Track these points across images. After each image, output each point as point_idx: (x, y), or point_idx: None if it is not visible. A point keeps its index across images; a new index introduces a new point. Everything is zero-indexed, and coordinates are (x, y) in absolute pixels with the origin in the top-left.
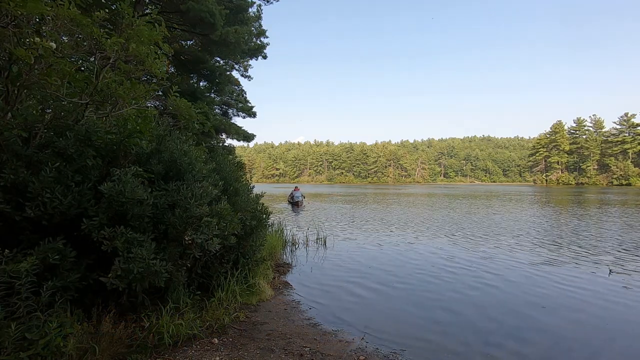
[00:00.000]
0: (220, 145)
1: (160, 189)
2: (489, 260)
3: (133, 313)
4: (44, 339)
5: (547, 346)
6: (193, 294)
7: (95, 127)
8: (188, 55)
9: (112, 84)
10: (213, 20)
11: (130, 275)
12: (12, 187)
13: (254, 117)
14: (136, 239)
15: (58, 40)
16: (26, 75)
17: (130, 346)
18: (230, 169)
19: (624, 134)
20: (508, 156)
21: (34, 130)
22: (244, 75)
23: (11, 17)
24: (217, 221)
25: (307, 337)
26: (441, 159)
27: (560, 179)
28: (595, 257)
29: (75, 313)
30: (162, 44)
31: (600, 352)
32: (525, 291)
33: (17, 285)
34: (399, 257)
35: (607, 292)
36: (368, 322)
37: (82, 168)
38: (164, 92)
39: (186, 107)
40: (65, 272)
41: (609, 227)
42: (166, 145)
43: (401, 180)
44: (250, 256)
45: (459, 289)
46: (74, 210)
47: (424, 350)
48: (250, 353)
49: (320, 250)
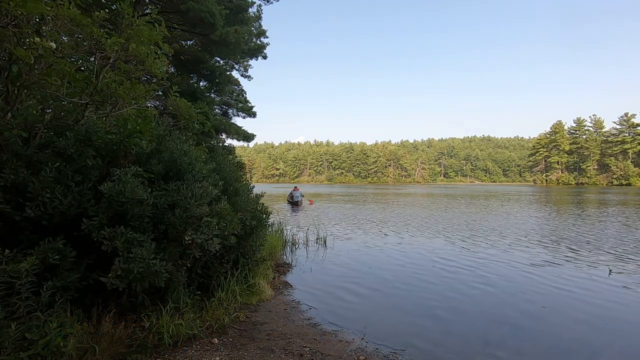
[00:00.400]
0: (220, 145)
1: (160, 189)
2: (489, 260)
3: (133, 313)
4: (44, 339)
5: (547, 346)
6: (193, 294)
7: (95, 127)
8: (188, 55)
9: (112, 84)
10: (213, 21)
11: (130, 275)
12: (12, 187)
13: (254, 117)
14: (136, 239)
15: (58, 40)
16: (26, 75)
17: (130, 346)
18: (230, 169)
19: (624, 134)
20: (508, 156)
21: (34, 130)
22: (244, 75)
23: (11, 17)
24: (217, 221)
25: (307, 337)
26: (441, 159)
27: (560, 179)
28: (595, 257)
29: (75, 313)
30: (162, 44)
31: (600, 352)
32: (525, 291)
33: (17, 285)
34: (399, 257)
35: (607, 292)
36: (368, 322)
37: (82, 168)
38: (164, 92)
39: (186, 107)
40: (65, 272)
41: (609, 227)
42: (166, 145)
43: (401, 180)
44: (250, 256)
45: (459, 288)
46: (74, 210)
47: (424, 350)
48: (250, 353)
49: (320, 250)
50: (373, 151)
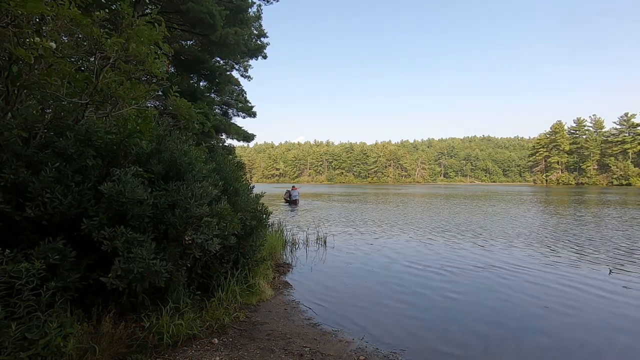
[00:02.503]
0: (220, 145)
1: (160, 189)
2: (489, 261)
3: (133, 313)
4: (44, 339)
5: (548, 346)
6: (193, 294)
7: (95, 127)
8: (188, 55)
9: (112, 84)
10: (213, 21)
11: (130, 275)
12: (12, 187)
13: (254, 117)
14: (136, 239)
15: (58, 40)
16: (26, 75)
17: (130, 346)
18: (230, 169)
19: (624, 134)
20: (508, 156)
21: (34, 130)
22: (243, 76)
23: (11, 17)
24: (217, 221)
25: (307, 337)
26: (441, 159)
27: (560, 179)
28: (595, 257)
29: (75, 313)
30: (162, 44)
31: (601, 352)
32: (525, 291)
33: (18, 286)
34: (399, 257)
35: (607, 291)
36: (368, 322)
37: (82, 168)
38: (164, 92)
39: (186, 107)
40: (66, 272)
41: (609, 227)
42: (166, 145)
43: (401, 180)
44: (250, 256)
45: (459, 289)
46: (74, 210)
47: (424, 350)
48: (250, 353)
49: (320, 250)
50: (373, 151)
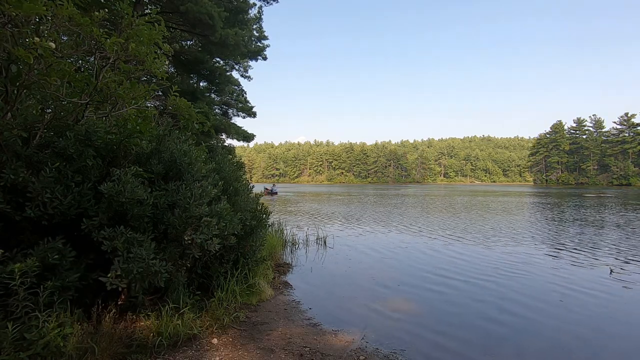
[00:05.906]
0: (220, 145)
1: (160, 189)
2: (489, 261)
3: (133, 313)
4: (43, 339)
5: (548, 346)
6: (193, 294)
7: (95, 127)
8: (188, 55)
9: (112, 84)
10: (212, 22)
11: (130, 275)
12: (12, 187)
13: (254, 117)
14: (136, 239)
15: (58, 40)
16: (26, 75)
17: (130, 346)
18: (230, 168)
19: (624, 134)
20: (508, 156)
21: (34, 130)
22: (243, 76)
23: (8, 17)
24: (217, 221)
25: (307, 337)
26: (441, 159)
27: (560, 179)
28: (595, 257)
29: (75, 313)
30: (162, 44)
31: (601, 352)
32: (525, 291)
33: (12, 286)
34: (399, 257)
35: (608, 292)
36: (368, 322)
37: (82, 168)
38: (164, 92)
39: (186, 107)
40: (65, 272)
41: (609, 228)
42: (166, 145)
43: (401, 180)
44: (250, 256)
45: (459, 289)
46: (74, 210)
47: (424, 350)
48: (250, 353)
49: (320, 250)
50: (373, 151)
